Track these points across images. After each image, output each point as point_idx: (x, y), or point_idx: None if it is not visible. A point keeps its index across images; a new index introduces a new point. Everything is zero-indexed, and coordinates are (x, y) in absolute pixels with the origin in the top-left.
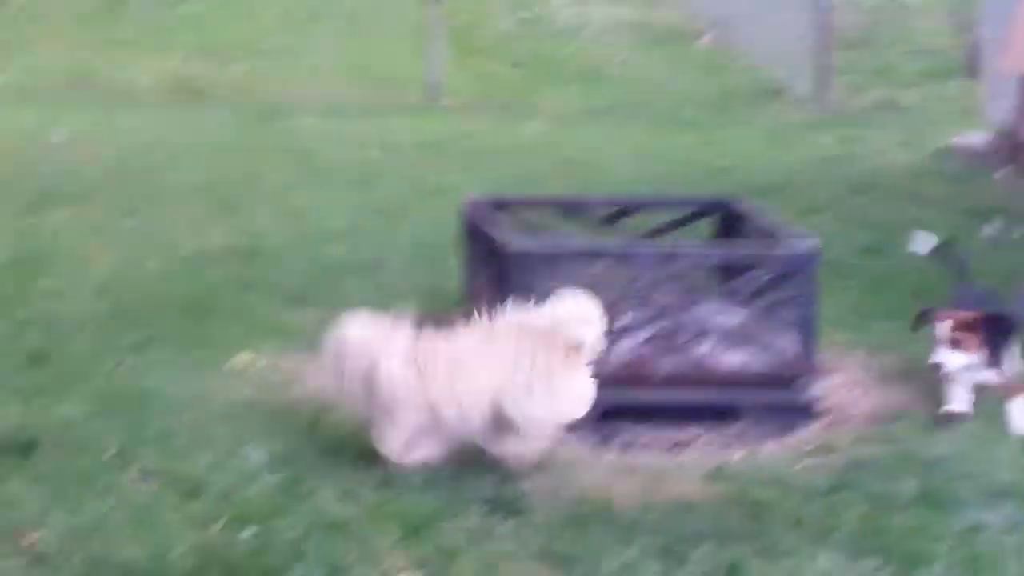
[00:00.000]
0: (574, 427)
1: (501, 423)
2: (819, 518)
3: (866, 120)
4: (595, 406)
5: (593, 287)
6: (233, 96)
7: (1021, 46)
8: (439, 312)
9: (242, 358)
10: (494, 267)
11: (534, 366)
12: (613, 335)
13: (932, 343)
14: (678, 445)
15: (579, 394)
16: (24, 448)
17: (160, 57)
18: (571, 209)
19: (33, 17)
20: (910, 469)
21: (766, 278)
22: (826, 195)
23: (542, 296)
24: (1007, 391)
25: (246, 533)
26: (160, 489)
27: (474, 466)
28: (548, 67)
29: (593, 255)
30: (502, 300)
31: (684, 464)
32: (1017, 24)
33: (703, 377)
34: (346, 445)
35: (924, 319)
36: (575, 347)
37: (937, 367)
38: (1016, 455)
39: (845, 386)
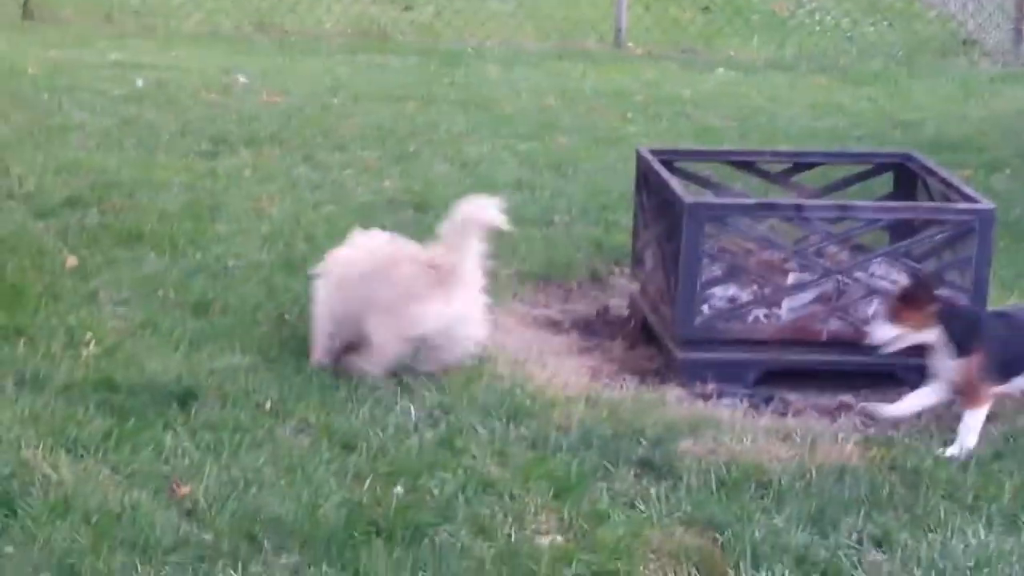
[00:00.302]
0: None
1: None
2: (974, 488)
3: None
4: (756, 366)
5: (765, 243)
6: (417, 41)
7: None
8: (606, 266)
9: None
10: (666, 220)
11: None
12: (780, 294)
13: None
14: (836, 409)
15: (432, 318)
16: (183, 398)
17: (345, 0)
18: (745, 163)
19: None
20: None
21: (939, 239)
22: (1014, 151)
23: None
24: (963, 395)
25: (397, 489)
26: (315, 442)
27: (627, 428)
28: (736, 13)
29: (765, 210)
30: (672, 254)
31: (840, 429)
32: None
33: (866, 339)
34: (501, 403)
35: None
36: (445, 271)
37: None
38: None
39: None
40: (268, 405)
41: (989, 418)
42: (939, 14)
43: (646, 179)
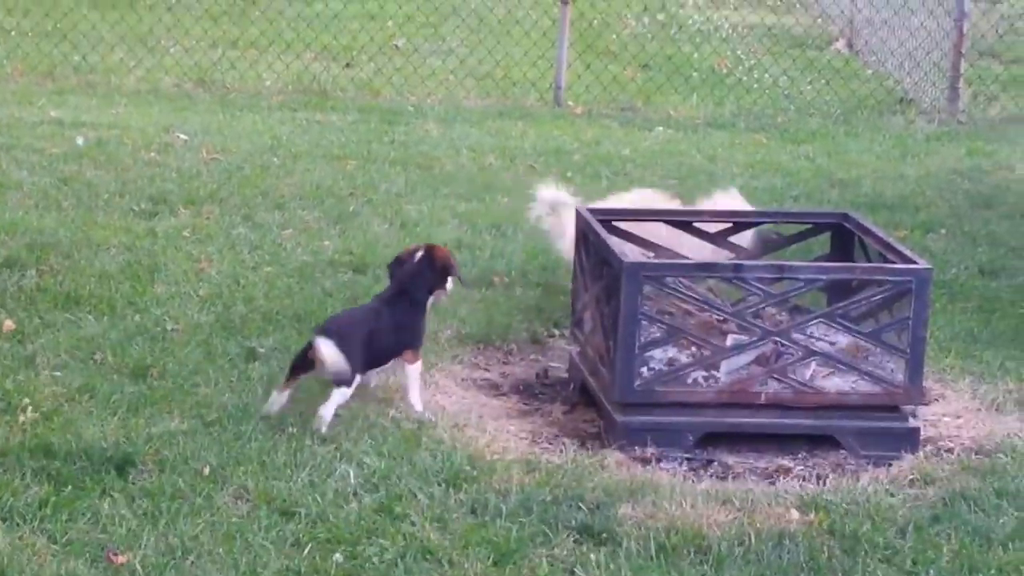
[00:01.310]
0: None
1: None
2: (912, 553)
3: (996, 132)
4: (695, 430)
5: (704, 303)
6: (358, 98)
7: None
8: (546, 328)
9: None
10: (604, 281)
11: None
12: (718, 356)
13: None
14: (775, 473)
15: None
16: (121, 465)
17: (286, 57)
18: (683, 223)
19: (162, 15)
20: (1011, 503)
21: (876, 299)
22: (949, 211)
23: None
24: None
25: (336, 557)
26: (254, 509)
27: (567, 493)
28: (676, 71)
29: (704, 271)
30: (611, 315)
31: (779, 493)
32: None
33: (805, 401)
34: (441, 468)
35: None
36: None
37: None
38: None
39: (951, 414)
40: (207, 471)
41: (926, 481)
42: (876, 73)
43: (585, 239)
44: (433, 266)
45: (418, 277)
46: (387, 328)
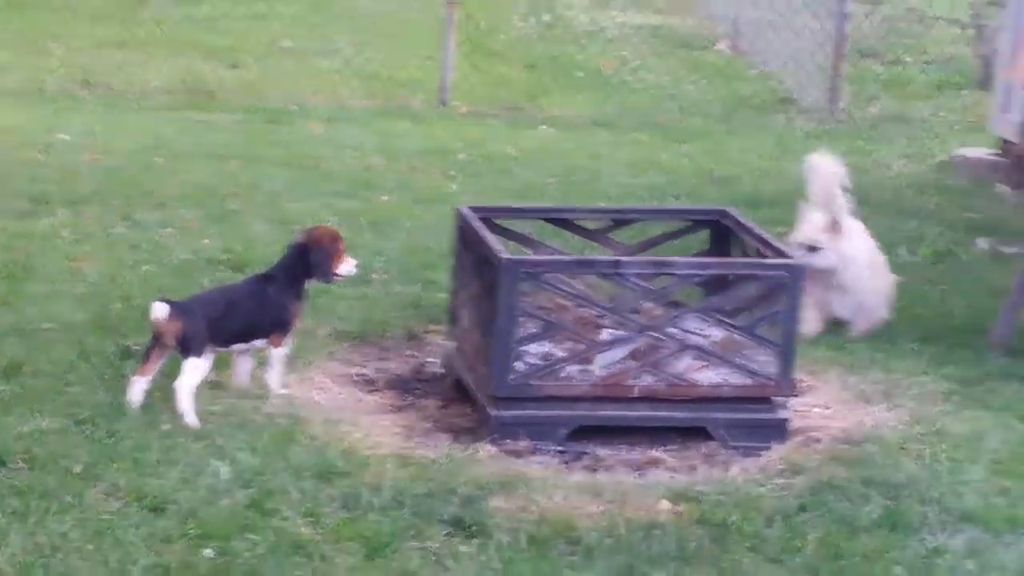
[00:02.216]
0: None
1: None
2: (780, 541)
3: (875, 131)
4: (568, 423)
5: (581, 300)
6: (244, 99)
7: None
8: (422, 325)
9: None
10: (483, 278)
11: None
12: (593, 350)
13: None
14: (646, 464)
15: None
16: None
17: (173, 58)
18: (563, 220)
19: (48, 15)
20: (877, 491)
21: (749, 293)
22: None
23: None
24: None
25: (207, 552)
26: (125, 506)
27: (440, 487)
28: (561, 72)
29: (582, 267)
30: (488, 311)
31: (650, 484)
32: None
33: (678, 394)
34: (313, 463)
35: None
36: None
37: None
38: (982, 479)
39: (820, 405)
40: (77, 469)
41: (795, 471)
42: (759, 73)
43: (465, 237)
44: (305, 250)
45: (291, 260)
46: (252, 307)
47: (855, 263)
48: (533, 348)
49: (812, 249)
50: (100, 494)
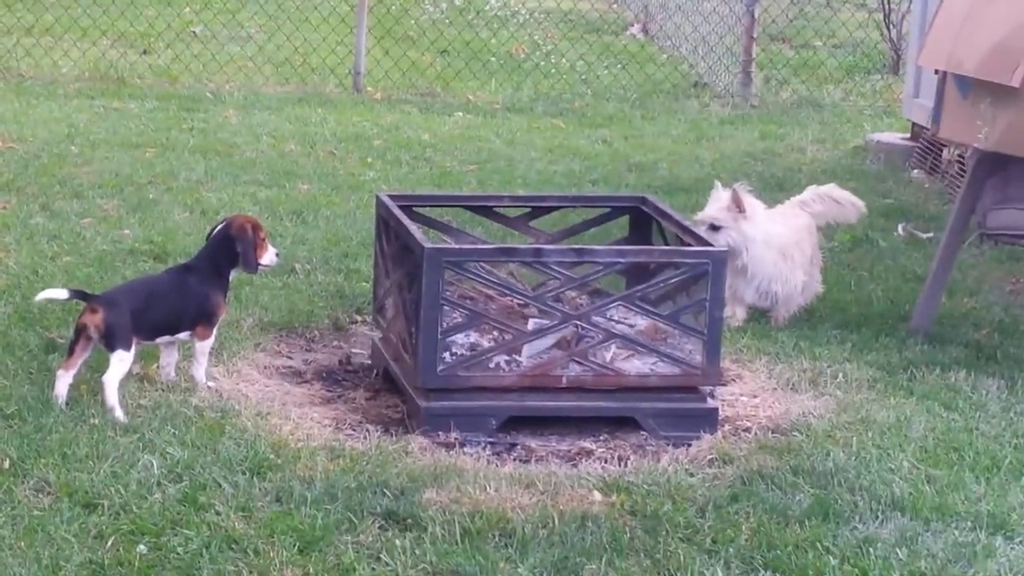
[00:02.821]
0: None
1: None
2: (713, 531)
3: (788, 116)
4: (498, 414)
5: (505, 288)
6: (156, 85)
7: (940, 40)
8: (348, 315)
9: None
10: (406, 267)
11: None
12: (520, 340)
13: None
14: (577, 455)
15: None
16: None
17: (83, 44)
18: (484, 208)
19: None
20: (806, 481)
21: (674, 282)
22: None
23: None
24: None
25: (140, 548)
26: (56, 502)
27: (372, 479)
28: (474, 57)
29: (504, 255)
30: (412, 301)
31: (582, 475)
32: (938, 17)
33: (605, 384)
34: (244, 456)
35: None
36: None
37: None
38: (910, 467)
39: (747, 394)
40: (6, 464)
41: (725, 461)
42: (671, 57)
43: (386, 225)
44: (228, 240)
45: (213, 250)
46: (174, 298)
47: (755, 244)
48: (460, 338)
49: (714, 228)
50: (30, 490)
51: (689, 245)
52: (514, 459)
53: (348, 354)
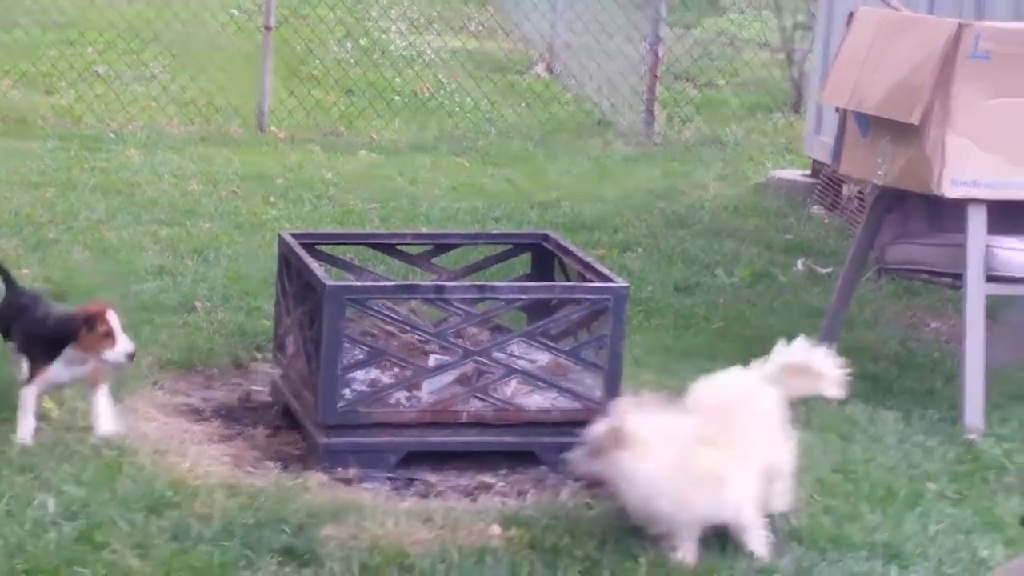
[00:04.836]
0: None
1: None
2: (611, 564)
3: (691, 154)
4: (397, 449)
5: (406, 325)
6: (59, 126)
7: (842, 77)
8: (248, 352)
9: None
10: (307, 304)
11: None
12: (420, 376)
13: None
14: (477, 490)
15: None
16: None
17: None
18: (386, 246)
19: None
20: None
21: (575, 317)
22: (645, 230)
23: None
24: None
25: None
26: None
27: (270, 516)
28: (378, 96)
29: (406, 292)
30: (313, 338)
31: (481, 510)
32: (841, 54)
33: (506, 419)
34: (142, 494)
35: None
36: None
37: None
38: (809, 498)
39: None
40: None
41: None
42: (575, 96)
43: (288, 263)
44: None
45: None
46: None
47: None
48: (360, 375)
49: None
50: None
51: (591, 281)
52: (413, 494)
53: (248, 391)
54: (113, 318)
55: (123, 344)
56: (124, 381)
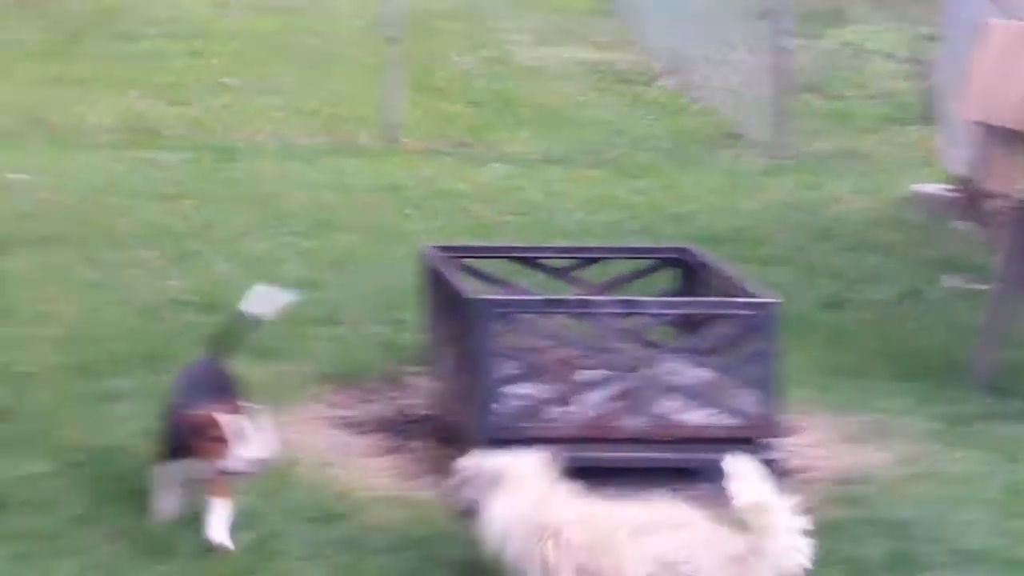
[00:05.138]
0: None
1: None
2: None
3: (824, 166)
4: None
5: (553, 339)
6: (188, 136)
7: (979, 92)
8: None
9: None
10: (455, 318)
11: None
12: (577, 391)
13: None
14: None
15: None
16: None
17: (114, 96)
18: (528, 259)
19: None
20: (879, 532)
21: (727, 334)
22: (786, 244)
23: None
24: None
25: None
26: (128, 549)
27: (444, 529)
28: (507, 108)
29: (553, 306)
30: (465, 352)
31: None
32: (974, 68)
33: (666, 435)
34: (310, 505)
35: None
36: None
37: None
38: (987, 519)
39: (809, 446)
40: (77, 511)
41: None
42: (702, 108)
43: (432, 277)
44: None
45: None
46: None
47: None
48: (514, 389)
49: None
50: (101, 537)
51: (738, 296)
52: None
53: (406, 405)
54: (228, 423)
55: (245, 449)
56: (283, 394)
